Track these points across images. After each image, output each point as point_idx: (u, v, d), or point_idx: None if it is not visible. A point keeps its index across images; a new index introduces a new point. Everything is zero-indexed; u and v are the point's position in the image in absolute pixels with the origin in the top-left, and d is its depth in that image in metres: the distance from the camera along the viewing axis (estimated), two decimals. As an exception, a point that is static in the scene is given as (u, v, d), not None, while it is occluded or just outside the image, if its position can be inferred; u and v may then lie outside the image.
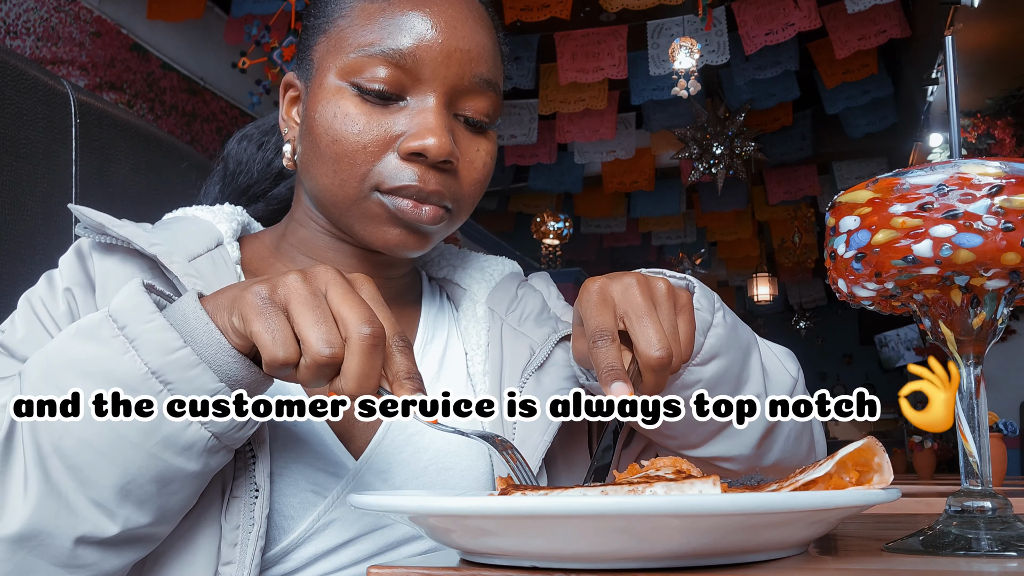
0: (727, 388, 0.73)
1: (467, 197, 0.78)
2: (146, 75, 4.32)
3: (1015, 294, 0.49)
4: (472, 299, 0.89)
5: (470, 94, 0.76)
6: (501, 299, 0.88)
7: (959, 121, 0.53)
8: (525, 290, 0.91)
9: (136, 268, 0.73)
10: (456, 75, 0.75)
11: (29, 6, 3.64)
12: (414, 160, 0.73)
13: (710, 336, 0.71)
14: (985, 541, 0.46)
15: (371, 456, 0.73)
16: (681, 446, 0.76)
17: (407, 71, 0.73)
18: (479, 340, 0.85)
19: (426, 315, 0.88)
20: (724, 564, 0.43)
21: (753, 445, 0.76)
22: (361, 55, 0.74)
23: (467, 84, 0.76)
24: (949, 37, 0.57)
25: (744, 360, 0.75)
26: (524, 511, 0.39)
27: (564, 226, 7.18)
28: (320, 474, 0.71)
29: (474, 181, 0.78)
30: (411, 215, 0.74)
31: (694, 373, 0.71)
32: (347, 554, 0.71)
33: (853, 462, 0.48)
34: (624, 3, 4.20)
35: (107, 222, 0.73)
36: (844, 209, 0.51)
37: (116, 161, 1.00)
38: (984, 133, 4.78)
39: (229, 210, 0.85)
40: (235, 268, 0.78)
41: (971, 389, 0.50)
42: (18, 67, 0.88)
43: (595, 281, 0.66)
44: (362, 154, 0.73)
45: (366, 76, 0.73)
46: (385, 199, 0.74)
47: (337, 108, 0.74)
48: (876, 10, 4.26)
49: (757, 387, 0.76)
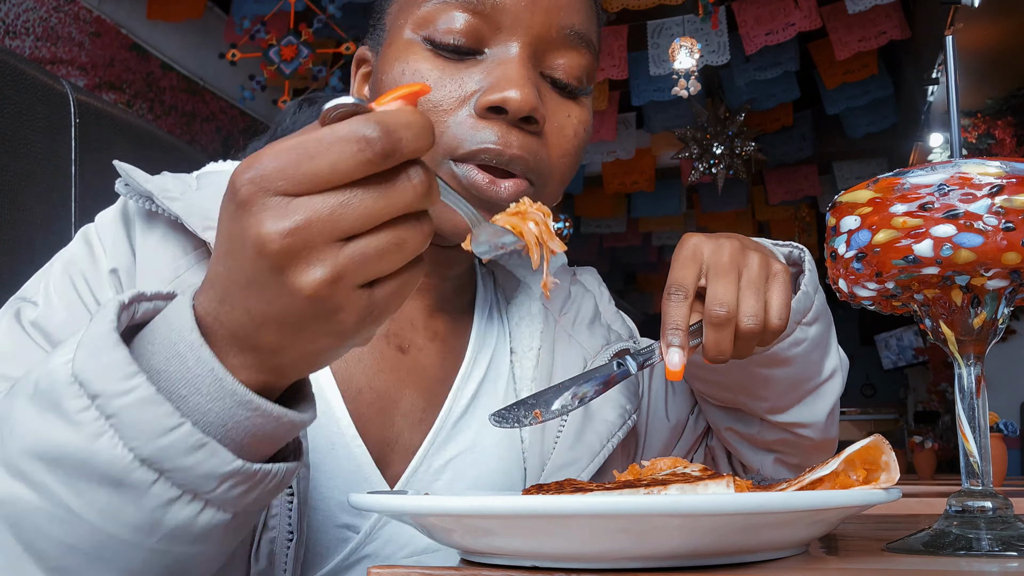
0: (820, 353, 0.75)
1: (554, 170, 0.68)
2: (145, 75, 4.32)
3: (1016, 294, 0.49)
4: (529, 294, 0.81)
5: (559, 48, 0.67)
6: (555, 296, 0.81)
7: (959, 121, 0.52)
8: (577, 288, 0.85)
9: (180, 248, 0.64)
10: (542, 23, 0.65)
11: (28, 6, 3.64)
12: (492, 117, 0.64)
13: (817, 298, 0.73)
14: (986, 541, 0.46)
15: (408, 483, 0.69)
16: (771, 409, 0.77)
17: (486, 18, 0.64)
18: (531, 342, 0.78)
19: (479, 317, 0.79)
20: (725, 564, 0.43)
21: (827, 413, 0.78)
22: (435, 4, 0.65)
23: (556, 35, 0.66)
24: (949, 37, 0.57)
25: (830, 328, 0.77)
26: (525, 511, 0.39)
27: (564, 226, 7.18)
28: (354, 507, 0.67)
29: (564, 152, 0.68)
30: (487, 192, 0.64)
31: (803, 331, 0.72)
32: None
33: (860, 460, 0.48)
34: (624, 3, 4.20)
35: (157, 191, 0.63)
36: (845, 209, 0.50)
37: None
38: (984, 133, 4.78)
39: None
40: None
41: (972, 389, 0.50)
42: (17, 67, 0.88)
43: (693, 236, 0.65)
44: (432, 114, 0.64)
45: (440, 27, 0.65)
46: (458, 170, 0.64)
47: (406, 65, 0.65)
48: (876, 11, 4.25)
49: (835, 359, 0.78)
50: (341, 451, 0.66)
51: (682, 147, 5.51)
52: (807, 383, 0.76)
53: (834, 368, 0.78)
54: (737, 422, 0.81)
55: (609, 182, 6.45)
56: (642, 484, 0.45)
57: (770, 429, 0.79)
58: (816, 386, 0.77)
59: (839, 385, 0.78)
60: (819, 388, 0.77)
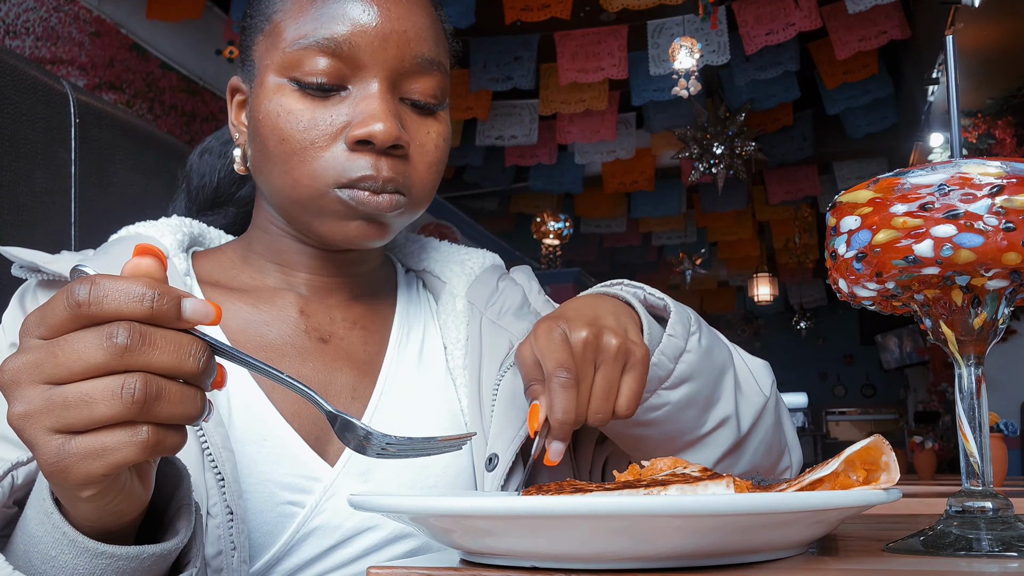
0: (695, 411, 0.76)
1: (422, 182, 0.77)
2: (145, 75, 4.32)
3: (1016, 294, 0.49)
4: (452, 292, 0.88)
5: (413, 76, 0.75)
6: (481, 292, 0.87)
7: (960, 121, 0.52)
8: (506, 283, 0.90)
9: None
10: (395, 57, 0.73)
11: (28, 6, 3.64)
12: (363, 149, 0.72)
13: (681, 363, 0.73)
14: (986, 541, 0.46)
15: (349, 460, 0.73)
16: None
17: (345, 59, 0.72)
18: (458, 334, 0.85)
19: (402, 307, 0.87)
20: (724, 564, 0.43)
21: (717, 459, 0.79)
22: (297, 48, 0.72)
23: (408, 66, 0.74)
24: (950, 37, 0.57)
25: (717, 382, 0.77)
26: (525, 511, 0.39)
27: (564, 226, 7.19)
28: (294, 485, 0.70)
29: (428, 164, 0.77)
30: (369, 205, 0.72)
31: (662, 396, 0.73)
32: (335, 558, 0.71)
33: (860, 460, 0.48)
34: (624, 3, 4.20)
35: (39, 260, 0.71)
36: (845, 209, 0.50)
37: (115, 161, 1.00)
38: (985, 133, 4.78)
39: (175, 221, 0.84)
40: (184, 280, 0.77)
41: (972, 389, 0.50)
42: (18, 67, 0.88)
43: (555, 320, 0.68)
44: (311, 150, 0.72)
45: (305, 69, 0.72)
46: (341, 193, 0.72)
47: (280, 106, 0.73)
48: (877, 10, 4.26)
49: (728, 408, 0.78)
50: (274, 440, 0.71)
51: (682, 147, 5.51)
52: (683, 437, 0.77)
53: (724, 417, 0.77)
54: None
55: (609, 182, 6.45)
56: (642, 484, 0.45)
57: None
58: (696, 439, 0.77)
59: (731, 434, 0.78)
60: (702, 440, 0.77)
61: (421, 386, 0.81)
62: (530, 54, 4.92)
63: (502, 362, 0.80)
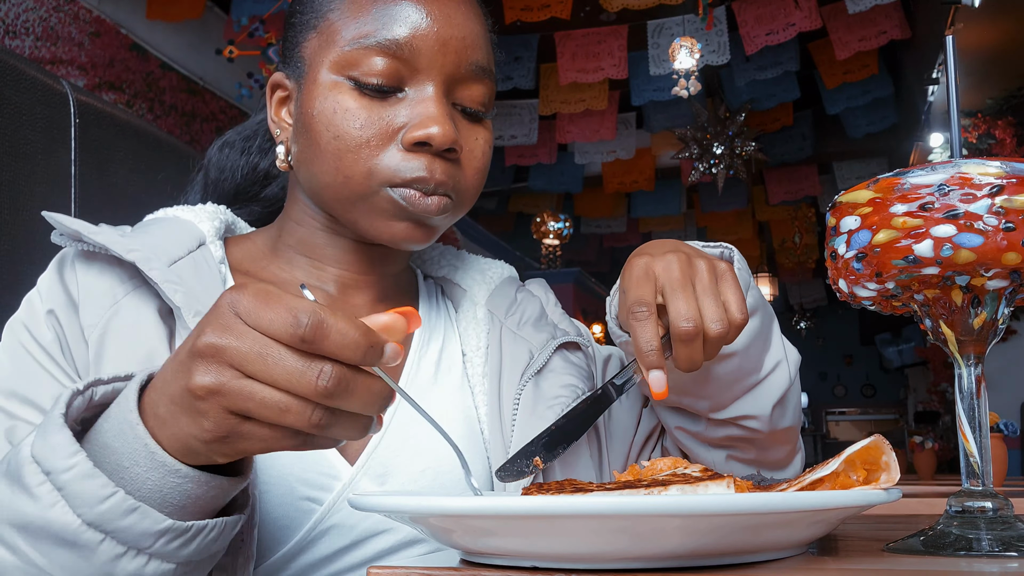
0: (758, 348, 0.78)
1: (470, 187, 0.78)
2: (145, 75, 4.32)
3: (1016, 294, 0.49)
4: (472, 301, 0.89)
5: (467, 82, 0.76)
6: (500, 302, 0.88)
7: (960, 121, 0.52)
8: (524, 295, 0.91)
9: (116, 279, 0.72)
10: (453, 63, 0.74)
11: (28, 6, 3.64)
12: (419, 151, 0.73)
13: (749, 295, 0.76)
14: (986, 541, 0.46)
15: (368, 461, 0.73)
16: (713, 407, 0.80)
17: (404, 61, 0.73)
18: (479, 342, 0.85)
19: (422, 313, 0.87)
20: (725, 564, 0.43)
21: (772, 405, 0.80)
22: (356, 48, 0.73)
23: (463, 72, 0.76)
24: (950, 37, 0.57)
25: (770, 323, 0.81)
26: (525, 511, 0.39)
27: (564, 226, 7.19)
28: (314, 481, 0.71)
29: (476, 170, 0.78)
30: (419, 206, 0.73)
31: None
32: (349, 559, 0.70)
33: (861, 460, 0.48)
34: (624, 3, 4.20)
35: (83, 229, 0.71)
36: (845, 209, 0.50)
37: (115, 161, 1.00)
38: (985, 133, 4.78)
39: (211, 209, 0.85)
40: (219, 268, 0.78)
41: (972, 389, 0.50)
42: (17, 67, 0.88)
43: (640, 256, 0.71)
44: (365, 149, 0.73)
45: (363, 69, 0.73)
46: (393, 193, 0.73)
47: (336, 103, 0.73)
48: (876, 11, 4.26)
49: (779, 352, 0.81)
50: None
51: (682, 147, 5.52)
52: (747, 379, 0.79)
53: (777, 362, 0.81)
54: (685, 420, 0.84)
55: (609, 182, 6.45)
56: (642, 484, 0.45)
57: (716, 427, 0.82)
58: (757, 381, 0.80)
59: (784, 378, 0.81)
60: (761, 383, 0.80)
61: (438, 392, 0.81)
62: (530, 54, 4.92)
63: (523, 371, 0.81)
